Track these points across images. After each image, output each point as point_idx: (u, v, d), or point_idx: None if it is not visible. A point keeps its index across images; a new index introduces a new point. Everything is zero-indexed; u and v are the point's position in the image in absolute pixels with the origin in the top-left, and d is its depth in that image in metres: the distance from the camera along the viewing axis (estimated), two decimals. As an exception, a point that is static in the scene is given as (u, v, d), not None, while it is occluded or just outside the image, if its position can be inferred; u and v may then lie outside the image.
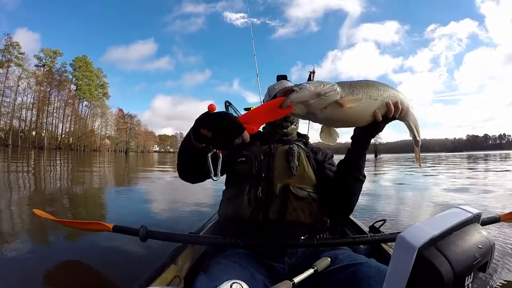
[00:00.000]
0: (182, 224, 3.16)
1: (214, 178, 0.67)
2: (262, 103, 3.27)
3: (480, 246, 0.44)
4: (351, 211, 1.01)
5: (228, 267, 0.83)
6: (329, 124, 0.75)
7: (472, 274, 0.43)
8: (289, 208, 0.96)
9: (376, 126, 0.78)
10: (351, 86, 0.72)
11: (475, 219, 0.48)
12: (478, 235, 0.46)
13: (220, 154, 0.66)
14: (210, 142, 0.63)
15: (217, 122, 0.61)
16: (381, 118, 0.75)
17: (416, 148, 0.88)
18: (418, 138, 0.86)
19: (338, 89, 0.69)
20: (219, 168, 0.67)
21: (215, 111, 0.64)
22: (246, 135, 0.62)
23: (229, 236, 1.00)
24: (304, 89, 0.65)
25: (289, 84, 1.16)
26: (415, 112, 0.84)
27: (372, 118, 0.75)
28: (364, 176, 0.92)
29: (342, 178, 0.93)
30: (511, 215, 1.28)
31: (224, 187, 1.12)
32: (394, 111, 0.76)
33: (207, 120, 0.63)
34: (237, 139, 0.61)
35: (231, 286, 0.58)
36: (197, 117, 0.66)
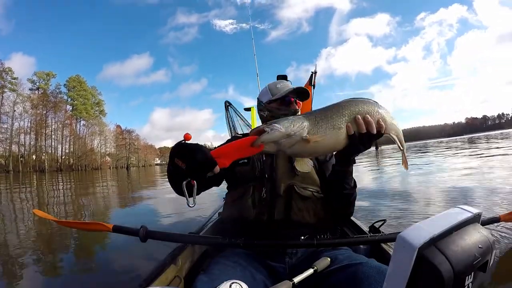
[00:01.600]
0: (182, 224, 3.17)
1: (190, 205, 0.68)
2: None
3: (480, 245, 0.44)
4: (351, 214, 1.03)
5: (228, 267, 0.83)
6: (300, 156, 0.79)
7: (472, 273, 0.43)
8: (294, 208, 0.96)
9: (353, 147, 0.78)
10: (316, 117, 0.74)
11: (475, 219, 0.48)
12: (478, 235, 0.46)
13: (195, 183, 0.67)
14: (184, 173, 0.65)
15: (190, 155, 0.63)
16: (351, 138, 0.75)
17: (402, 153, 0.92)
18: (402, 147, 0.88)
19: (305, 126, 0.72)
20: (195, 196, 0.68)
21: (190, 142, 0.66)
22: (217, 169, 0.64)
23: (230, 236, 1.00)
24: (275, 130, 0.68)
25: (289, 85, 1.15)
26: (395, 122, 0.85)
27: (342, 144, 0.76)
28: (354, 186, 0.94)
29: (333, 188, 0.96)
30: (511, 215, 1.28)
31: (224, 192, 1.12)
32: (368, 126, 0.75)
33: (181, 151, 0.65)
34: (209, 172, 0.64)
35: (230, 286, 0.58)
36: (175, 144, 0.68)
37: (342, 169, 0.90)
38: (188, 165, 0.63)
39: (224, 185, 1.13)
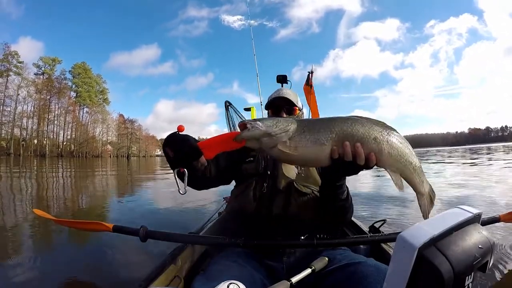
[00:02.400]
0: (182, 224, 3.17)
1: (180, 192, 0.72)
2: (261, 104, 3.29)
3: (480, 246, 0.44)
4: (348, 219, 1.01)
5: (227, 267, 0.83)
6: (280, 161, 0.74)
7: (472, 274, 0.43)
8: (292, 203, 0.97)
9: (335, 170, 0.73)
10: (304, 126, 0.69)
11: (475, 219, 0.48)
12: (478, 235, 0.46)
13: (186, 171, 0.71)
14: (172, 161, 0.71)
15: (178, 145, 0.69)
16: (334, 161, 0.68)
17: (419, 202, 0.74)
18: (416, 193, 0.73)
19: (290, 130, 0.68)
20: (185, 183, 0.72)
21: (181, 133, 0.70)
22: (203, 159, 0.69)
23: (230, 234, 1.01)
24: (255, 128, 0.67)
25: (288, 91, 1.19)
26: (399, 156, 0.68)
27: (323, 162, 0.69)
28: (346, 197, 0.89)
29: (323, 199, 0.93)
30: (511, 215, 1.28)
31: (224, 192, 1.14)
32: (355, 156, 0.66)
33: (171, 141, 0.70)
34: (195, 162, 0.69)
35: (228, 286, 0.58)
36: (168, 134, 0.73)
37: (330, 183, 0.86)
38: (176, 154, 0.69)
39: (224, 186, 1.14)
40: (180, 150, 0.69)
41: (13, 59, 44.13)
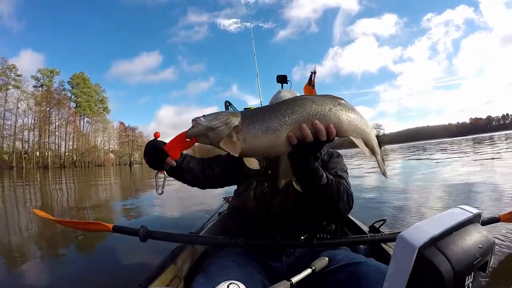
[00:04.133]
0: (182, 224, 3.17)
1: (158, 192, 0.80)
2: (261, 104, 3.29)
3: (480, 245, 0.44)
4: (343, 213, 0.93)
5: (227, 267, 0.83)
6: (236, 155, 0.69)
7: (472, 273, 0.43)
8: (290, 202, 0.98)
9: (297, 153, 0.70)
10: (252, 117, 0.68)
11: (475, 219, 0.48)
12: (479, 235, 0.46)
13: (164, 173, 0.80)
14: (148, 165, 0.80)
15: (149, 151, 0.78)
16: (294, 146, 0.66)
17: (377, 159, 0.79)
18: (373, 153, 0.76)
19: (232, 122, 0.67)
20: (164, 184, 0.81)
21: (158, 140, 0.79)
22: (169, 160, 0.77)
23: (230, 234, 1.01)
24: (198, 124, 0.69)
25: (287, 93, 1.16)
26: (357, 122, 0.69)
27: (282, 148, 0.67)
28: (326, 184, 0.81)
29: (302, 187, 0.88)
30: (511, 215, 1.28)
31: (224, 192, 1.14)
32: (317, 134, 0.65)
33: (145, 149, 0.80)
34: (164, 164, 0.77)
35: (228, 286, 0.58)
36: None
37: (299, 169, 0.78)
38: (147, 159, 0.79)
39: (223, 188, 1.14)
40: (149, 156, 0.78)
41: (11, 72, 43.98)
